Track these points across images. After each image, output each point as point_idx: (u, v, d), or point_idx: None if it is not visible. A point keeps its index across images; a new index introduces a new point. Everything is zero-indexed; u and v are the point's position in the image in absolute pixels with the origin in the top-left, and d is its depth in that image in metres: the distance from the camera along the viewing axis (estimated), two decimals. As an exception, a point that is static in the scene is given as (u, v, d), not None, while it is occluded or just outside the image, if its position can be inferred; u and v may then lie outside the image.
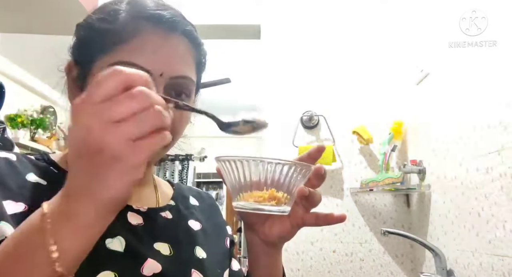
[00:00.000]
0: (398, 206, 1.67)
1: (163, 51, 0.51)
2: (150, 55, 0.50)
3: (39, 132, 3.45)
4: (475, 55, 1.09)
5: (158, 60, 0.50)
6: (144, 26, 0.50)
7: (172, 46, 0.52)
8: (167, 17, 0.51)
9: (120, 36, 0.50)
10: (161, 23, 0.51)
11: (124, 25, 0.50)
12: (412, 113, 1.57)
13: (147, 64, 0.49)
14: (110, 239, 0.49)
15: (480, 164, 1.06)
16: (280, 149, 1.73)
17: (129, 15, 0.51)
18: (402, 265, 1.62)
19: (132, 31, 0.50)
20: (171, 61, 0.51)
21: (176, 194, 0.68)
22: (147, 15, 0.51)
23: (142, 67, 0.48)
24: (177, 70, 0.52)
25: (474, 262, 1.08)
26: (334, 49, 1.81)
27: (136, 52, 0.49)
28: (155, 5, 0.52)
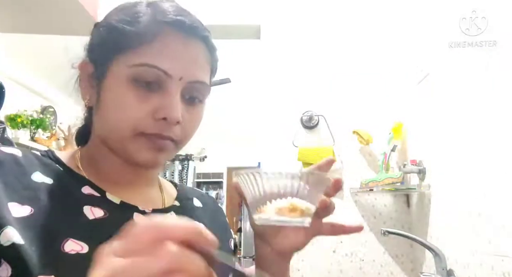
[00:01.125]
0: (398, 206, 1.67)
1: (183, 56, 0.52)
2: (171, 58, 0.51)
3: (39, 132, 3.46)
4: (475, 55, 1.09)
5: (179, 64, 0.51)
6: (166, 30, 0.51)
7: (191, 51, 0.53)
8: (188, 23, 0.53)
9: (142, 38, 0.51)
10: (182, 28, 0.52)
11: (146, 27, 0.51)
12: (412, 113, 1.57)
13: (168, 67, 0.50)
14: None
15: (480, 164, 1.06)
16: (280, 149, 1.73)
17: (152, 18, 0.52)
18: (402, 265, 1.62)
19: (154, 34, 0.51)
20: (190, 66, 0.53)
21: (180, 195, 0.68)
22: (169, 20, 0.52)
23: (163, 70, 0.50)
24: (195, 75, 0.53)
25: (474, 262, 1.08)
26: (334, 49, 1.81)
27: (158, 55, 0.50)
28: (176, 11, 0.53)
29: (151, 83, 0.51)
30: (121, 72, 0.51)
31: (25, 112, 3.27)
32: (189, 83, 0.52)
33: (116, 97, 0.51)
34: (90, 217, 0.50)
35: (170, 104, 0.50)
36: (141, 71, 0.50)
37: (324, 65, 1.80)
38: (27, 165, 0.50)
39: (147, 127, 0.51)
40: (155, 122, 0.51)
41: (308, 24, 1.84)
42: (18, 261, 0.41)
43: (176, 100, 0.51)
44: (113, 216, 0.51)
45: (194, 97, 0.54)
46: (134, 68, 0.50)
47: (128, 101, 0.50)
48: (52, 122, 3.75)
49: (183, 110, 0.53)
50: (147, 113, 0.50)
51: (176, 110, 0.50)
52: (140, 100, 0.50)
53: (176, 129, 0.52)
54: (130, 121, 0.51)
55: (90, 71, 0.55)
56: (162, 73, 0.50)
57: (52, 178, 0.51)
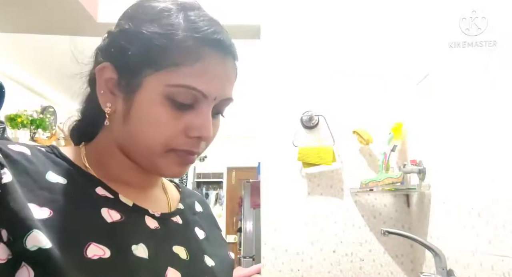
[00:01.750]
0: (398, 206, 1.67)
1: (221, 77, 0.53)
2: (210, 80, 0.51)
3: (39, 132, 3.46)
4: (475, 55, 1.09)
5: (216, 85, 0.52)
6: (205, 50, 0.51)
7: (227, 71, 0.54)
8: (226, 42, 0.53)
9: (182, 57, 0.50)
10: (219, 48, 0.53)
11: (186, 47, 0.50)
12: (412, 113, 1.57)
13: (207, 89, 0.51)
14: (135, 246, 0.49)
15: (480, 164, 1.06)
16: (280, 149, 1.73)
17: (190, 36, 0.51)
18: (402, 265, 1.62)
19: (196, 56, 0.50)
20: (225, 86, 0.54)
21: (183, 197, 0.69)
22: (209, 40, 0.52)
23: (202, 92, 0.51)
24: (227, 93, 0.55)
25: (474, 262, 1.08)
26: (334, 49, 1.81)
27: (199, 77, 0.51)
28: (213, 27, 0.53)
29: (187, 103, 0.51)
30: (157, 89, 0.50)
31: (25, 112, 3.27)
32: (221, 101, 0.54)
33: (149, 113, 0.50)
34: (108, 220, 0.49)
35: (205, 124, 0.52)
36: (179, 91, 0.50)
37: (324, 65, 1.80)
38: (39, 164, 0.48)
39: (179, 144, 0.52)
40: (187, 139, 0.52)
41: (308, 24, 1.84)
42: (43, 266, 0.40)
43: (209, 119, 0.53)
44: (128, 219, 0.51)
45: (219, 112, 0.57)
46: (173, 88, 0.50)
47: (162, 118, 0.50)
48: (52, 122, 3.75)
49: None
50: (180, 131, 0.52)
51: (210, 129, 0.52)
52: (173, 118, 0.51)
53: (203, 143, 0.55)
54: (162, 139, 0.51)
55: (113, 77, 0.53)
56: (200, 94, 0.51)
57: (65, 178, 0.50)
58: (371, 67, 1.78)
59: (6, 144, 0.48)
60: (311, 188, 1.70)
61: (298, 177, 1.72)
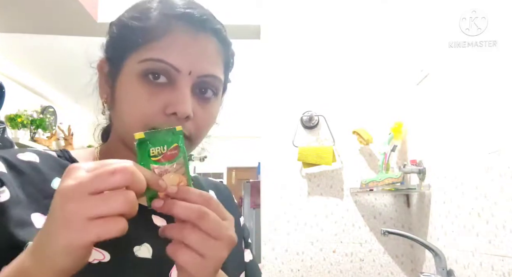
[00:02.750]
0: (398, 206, 1.67)
1: (193, 50, 0.51)
2: (179, 53, 0.50)
3: (39, 132, 3.46)
4: (475, 55, 1.09)
5: (187, 58, 0.50)
6: (174, 25, 0.51)
7: (201, 45, 0.52)
8: (197, 15, 0.52)
9: (151, 34, 0.50)
10: (191, 21, 0.52)
11: (155, 23, 0.51)
12: (412, 113, 1.57)
13: (176, 62, 0.50)
14: (138, 247, 0.49)
15: (480, 164, 1.06)
16: (280, 149, 1.73)
17: (161, 13, 0.52)
18: (402, 265, 1.62)
19: (163, 29, 0.50)
20: (199, 60, 0.51)
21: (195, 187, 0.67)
22: (177, 13, 0.51)
23: (171, 65, 0.50)
24: (205, 69, 0.52)
25: (474, 262, 1.08)
26: (334, 49, 1.81)
27: (166, 50, 0.50)
28: (186, 4, 0.53)
29: (161, 78, 0.50)
30: (132, 69, 0.51)
31: (25, 112, 3.27)
32: (199, 77, 0.51)
33: (127, 93, 0.51)
34: None
35: (180, 99, 0.50)
36: (149, 66, 0.50)
37: (324, 65, 1.80)
38: (46, 171, 0.50)
39: (158, 123, 0.50)
40: (166, 117, 0.50)
41: (308, 24, 1.84)
42: None
43: (185, 95, 0.50)
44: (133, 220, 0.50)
45: (206, 92, 0.53)
46: (143, 64, 0.50)
47: (138, 97, 0.50)
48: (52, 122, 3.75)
49: (196, 105, 0.52)
50: (158, 108, 0.50)
51: (185, 104, 0.50)
52: (150, 95, 0.50)
53: (189, 125, 0.52)
54: (141, 117, 0.50)
55: (106, 69, 0.55)
56: (170, 67, 0.50)
57: None
58: (371, 67, 1.78)
59: (16, 153, 0.50)
60: (311, 188, 1.70)
61: (298, 177, 1.72)
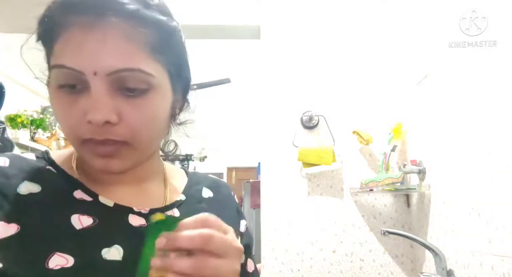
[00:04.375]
0: (398, 206, 1.67)
1: (90, 46, 0.43)
2: (75, 53, 0.43)
3: (39, 132, 3.46)
4: (475, 55, 1.09)
5: (85, 57, 0.43)
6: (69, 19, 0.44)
7: (100, 35, 0.43)
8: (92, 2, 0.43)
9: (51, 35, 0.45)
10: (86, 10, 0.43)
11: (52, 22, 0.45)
12: (412, 113, 1.57)
13: (76, 64, 0.43)
14: (106, 249, 0.48)
15: (480, 164, 1.06)
16: (280, 149, 1.73)
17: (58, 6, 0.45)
18: (402, 265, 1.62)
19: (59, 27, 0.44)
20: (100, 56, 0.43)
21: (188, 186, 0.64)
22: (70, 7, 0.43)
23: (71, 68, 0.43)
24: (112, 64, 0.44)
25: (474, 262, 1.08)
26: (334, 49, 1.81)
27: (63, 52, 0.44)
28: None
29: (73, 85, 0.45)
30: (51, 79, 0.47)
31: (25, 112, 3.27)
32: (109, 75, 0.44)
33: (53, 106, 0.47)
34: (78, 227, 0.47)
35: (92, 105, 0.44)
36: (56, 74, 0.45)
37: (324, 65, 1.80)
38: (14, 175, 0.47)
39: (84, 133, 0.46)
40: (89, 126, 0.45)
41: (308, 24, 1.84)
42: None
43: (97, 99, 0.44)
44: (103, 222, 0.49)
45: (131, 88, 0.46)
46: (52, 72, 0.45)
47: (59, 109, 0.46)
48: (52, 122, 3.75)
49: (123, 104, 0.46)
50: (79, 118, 0.45)
51: (97, 111, 0.44)
52: (69, 105, 0.45)
53: (119, 129, 0.46)
54: (69, 129, 0.47)
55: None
56: (72, 71, 0.43)
57: (41, 185, 0.49)
58: (371, 67, 1.78)
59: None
60: (311, 188, 1.70)
61: (298, 177, 1.72)
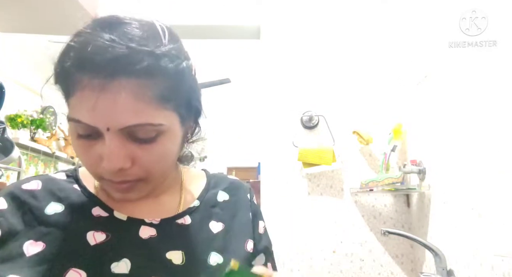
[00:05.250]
0: (398, 206, 1.67)
1: (103, 105, 0.46)
2: (90, 111, 0.47)
3: (39, 132, 3.45)
4: (475, 55, 1.09)
5: (99, 115, 0.46)
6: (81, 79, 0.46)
7: (111, 96, 0.46)
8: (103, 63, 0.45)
9: (67, 87, 0.49)
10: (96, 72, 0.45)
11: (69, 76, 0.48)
12: (412, 114, 1.57)
13: (90, 121, 0.47)
14: (115, 263, 0.52)
15: (480, 164, 1.06)
16: (280, 149, 1.73)
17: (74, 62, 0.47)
18: (402, 265, 1.62)
19: (73, 85, 0.47)
20: (112, 115, 0.46)
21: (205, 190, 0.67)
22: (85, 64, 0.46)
23: (87, 124, 0.47)
24: (122, 122, 0.47)
25: (474, 262, 1.08)
26: (334, 49, 1.81)
27: (78, 109, 0.48)
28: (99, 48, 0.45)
29: (90, 134, 0.49)
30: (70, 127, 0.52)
31: (25, 112, 3.27)
32: (121, 130, 0.48)
33: (73, 148, 0.53)
34: (92, 243, 0.53)
35: (106, 155, 0.48)
36: (73, 124, 0.49)
37: (324, 65, 1.80)
38: (43, 197, 0.55)
39: (102, 173, 0.52)
40: (103, 169, 0.50)
41: (308, 24, 1.84)
42: None
43: (112, 150, 0.48)
44: (115, 237, 0.54)
45: (142, 140, 0.49)
46: (70, 123, 0.50)
47: (78, 150, 0.52)
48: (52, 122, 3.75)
49: (136, 149, 0.50)
50: (96, 161, 0.50)
51: (113, 160, 0.48)
52: (87, 149, 0.50)
53: (131, 171, 0.51)
54: (89, 168, 0.53)
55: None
56: (87, 126, 0.48)
57: (64, 205, 0.55)
58: (371, 68, 1.78)
59: (22, 183, 0.56)
60: (311, 188, 1.70)
61: (298, 177, 1.72)
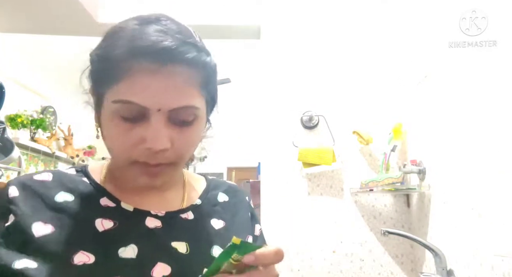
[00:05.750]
0: (398, 206, 1.67)
1: (157, 87, 0.51)
2: (144, 92, 0.51)
3: (39, 132, 3.46)
4: (475, 55, 1.09)
5: (153, 96, 0.51)
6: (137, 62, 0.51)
7: (166, 79, 0.51)
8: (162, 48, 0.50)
9: (118, 73, 0.52)
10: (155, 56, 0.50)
11: (117, 63, 0.52)
12: (412, 114, 1.57)
13: (143, 101, 0.51)
14: (123, 248, 0.54)
15: (480, 164, 1.06)
16: (280, 149, 1.73)
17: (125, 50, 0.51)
18: (402, 265, 1.62)
19: (127, 68, 0.51)
20: (166, 96, 0.52)
21: (206, 191, 0.71)
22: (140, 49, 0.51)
23: (139, 105, 0.51)
24: (174, 103, 0.52)
25: (474, 262, 1.08)
26: (334, 49, 1.81)
27: (131, 90, 0.51)
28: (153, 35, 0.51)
29: (135, 116, 0.53)
30: (109, 108, 0.54)
31: (25, 112, 3.27)
32: (170, 111, 0.52)
33: (108, 130, 0.56)
34: (100, 229, 0.55)
35: (153, 135, 0.52)
36: (120, 106, 0.52)
37: (324, 65, 1.80)
38: (54, 187, 0.58)
39: (138, 156, 0.54)
40: (143, 151, 0.54)
41: (308, 24, 1.84)
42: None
43: (158, 131, 0.52)
44: (122, 225, 0.57)
45: (183, 120, 0.55)
46: (115, 104, 0.53)
47: (116, 133, 0.54)
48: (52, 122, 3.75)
49: (174, 133, 0.54)
50: (134, 143, 0.53)
51: (159, 141, 0.52)
52: (126, 131, 0.53)
53: (168, 153, 0.54)
54: (121, 151, 0.55)
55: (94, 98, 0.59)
56: (139, 107, 0.52)
57: (74, 195, 0.58)
58: (371, 67, 1.78)
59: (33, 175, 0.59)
60: (311, 188, 1.70)
61: (298, 177, 1.72)
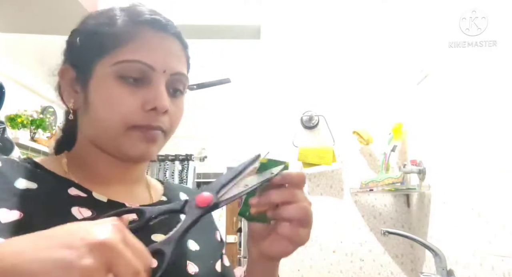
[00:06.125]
0: (398, 206, 1.67)
1: (163, 50, 0.56)
2: (152, 53, 0.54)
3: (39, 132, 3.45)
4: (475, 55, 1.09)
5: (160, 58, 0.54)
6: (143, 29, 0.55)
7: (169, 45, 0.57)
8: (163, 21, 0.57)
9: (122, 37, 0.54)
10: (157, 26, 0.56)
11: (124, 28, 0.55)
12: (412, 113, 1.57)
13: (151, 61, 0.53)
14: None
15: (480, 164, 1.06)
16: (280, 149, 1.73)
17: (128, 19, 0.56)
18: (402, 265, 1.62)
19: (133, 33, 0.54)
20: (170, 59, 0.56)
21: (166, 190, 0.71)
22: (145, 19, 0.56)
23: (146, 64, 0.53)
24: (176, 67, 0.56)
25: (474, 262, 1.08)
26: (334, 49, 1.81)
27: (139, 51, 0.54)
28: (150, 11, 0.58)
29: (137, 78, 0.53)
30: (106, 72, 0.53)
31: (25, 112, 3.27)
32: (172, 75, 0.55)
33: (104, 95, 0.54)
34: (79, 217, 0.51)
35: (157, 95, 0.53)
36: (125, 67, 0.53)
37: (324, 65, 1.80)
38: (9, 173, 0.51)
39: (138, 120, 0.53)
40: (145, 113, 0.53)
41: (308, 24, 1.84)
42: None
43: (162, 90, 0.54)
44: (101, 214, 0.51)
45: (176, 90, 0.58)
46: (119, 65, 0.53)
47: (116, 97, 0.53)
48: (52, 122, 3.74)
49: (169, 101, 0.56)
50: (137, 106, 0.53)
51: (164, 99, 0.54)
52: (128, 94, 0.53)
53: (165, 119, 0.56)
54: (121, 116, 0.53)
55: (72, 76, 0.57)
56: (146, 67, 0.53)
57: (37, 183, 0.52)
58: (371, 68, 1.78)
59: None
60: (311, 188, 1.70)
61: (298, 177, 1.71)
